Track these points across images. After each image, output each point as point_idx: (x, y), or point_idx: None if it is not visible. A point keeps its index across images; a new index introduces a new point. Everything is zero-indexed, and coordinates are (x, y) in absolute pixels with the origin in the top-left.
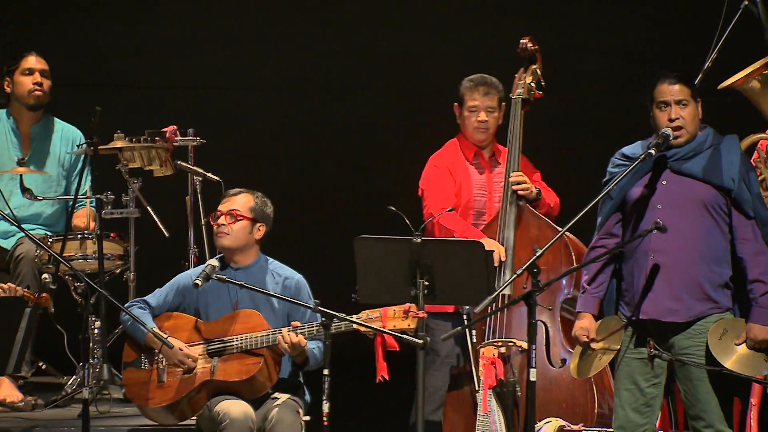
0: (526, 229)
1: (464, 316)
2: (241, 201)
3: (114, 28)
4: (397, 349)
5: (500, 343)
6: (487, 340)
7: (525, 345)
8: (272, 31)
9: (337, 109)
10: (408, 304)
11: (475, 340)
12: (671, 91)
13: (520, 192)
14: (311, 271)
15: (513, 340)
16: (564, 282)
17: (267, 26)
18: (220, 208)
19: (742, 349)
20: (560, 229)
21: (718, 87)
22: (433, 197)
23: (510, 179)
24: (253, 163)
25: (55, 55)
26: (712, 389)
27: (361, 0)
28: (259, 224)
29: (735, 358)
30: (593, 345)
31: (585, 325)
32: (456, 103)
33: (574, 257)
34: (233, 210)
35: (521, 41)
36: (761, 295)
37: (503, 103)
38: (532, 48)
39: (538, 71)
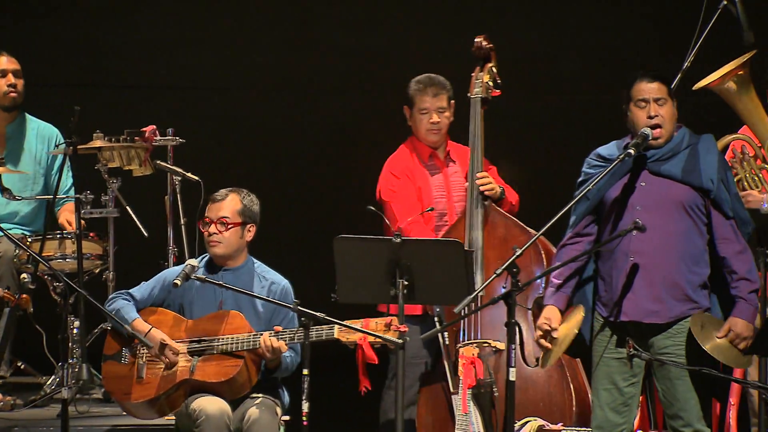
0: (493, 228)
1: (435, 319)
2: (230, 206)
3: (93, 27)
4: (377, 363)
5: (475, 344)
6: (462, 341)
7: (499, 345)
8: (251, 31)
9: (316, 110)
10: (390, 317)
11: (447, 342)
12: (649, 89)
13: (486, 192)
14: (291, 272)
15: (487, 340)
16: (538, 281)
17: (246, 27)
18: (208, 215)
19: (723, 341)
20: (527, 227)
21: (693, 87)
22: (398, 208)
23: (476, 181)
24: (233, 163)
25: (35, 55)
26: (691, 388)
27: (340, 1)
28: (249, 225)
29: (716, 345)
30: (554, 334)
31: (548, 314)
32: (405, 106)
33: (543, 256)
34: (223, 218)
35: (476, 40)
36: (749, 292)
37: (453, 101)
38: (487, 46)
39: (494, 69)
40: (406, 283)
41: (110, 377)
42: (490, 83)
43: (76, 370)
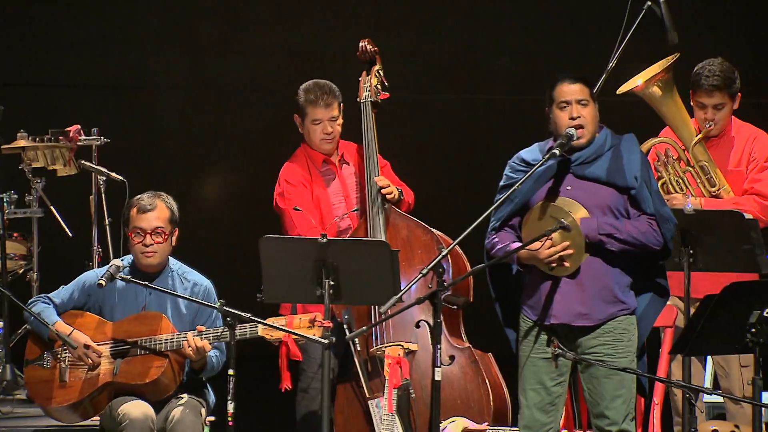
0: (395, 231)
1: (345, 326)
2: (161, 215)
3: (16, 25)
4: (301, 359)
5: (384, 347)
6: (375, 344)
7: (411, 346)
8: (176, 30)
9: (241, 109)
10: (314, 314)
11: (359, 348)
12: (572, 90)
13: (387, 197)
14: (216, 272)
15: (399, 342)
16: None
17: (170, 26)
18: (140, 225)
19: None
20: (429, 227)
21: (618, 91)
22: (300, 218)
23: (375, 185)
24: (157, 162)
25: None
26: (618, 387)
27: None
28: (175, 230)
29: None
30: (567, 251)
31: (548, 247)
32: (296, 114)
33: (448, 256)
34: (158, 228)
35: (360, 44)
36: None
37: (342, 104)
38: (372, 50)
39: (380, 72)
40: (332, 283)
41: (33, 382)
42: (378, 86)
43: (0, 370)
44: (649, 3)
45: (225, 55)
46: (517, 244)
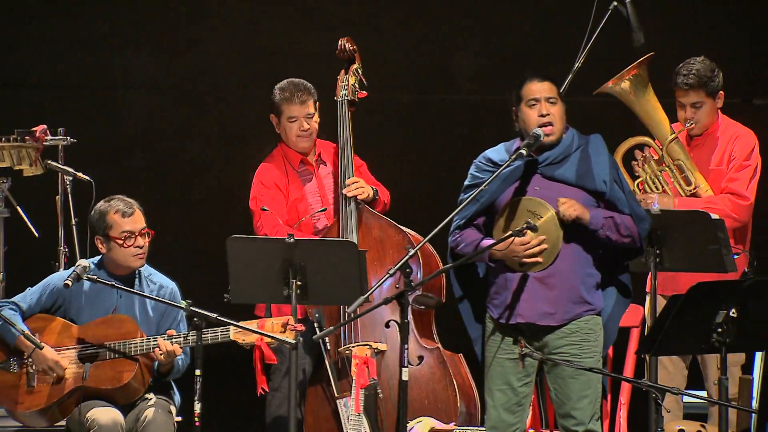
0: (368, 231)
1: (315, 324)
2: (141, 216)
3: None
4: (275, 362)
5: (354, 346)
6: (344, 344)
7: (380, 346)
8: (141, 30)
9: (207, 109)
10: (286, 317)
11: (329, 347)
12: (540, 88)
13: (359, 197)
14: (184, 273)
15: (368, 342)
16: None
17: (136, 26)
18: (130, 228)
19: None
20: (402, 227)
21: (594, 92)
22: (266, 218)
23: (346, 190)
24: (124, 162)
25: None
26: (585, 388)
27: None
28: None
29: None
30: (542, 245)
31: (524, 242)
32: (272, 114)
33: (420, 256)
34: (144, 229)
35: (339, 42)
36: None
37: (318, 103)
38: (351, 48)
39: (359, 71)
40: (299, 283)
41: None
42: (356, 85)
43: None
44: (615, 3)
45: (192, 55)
46: (489, 240)
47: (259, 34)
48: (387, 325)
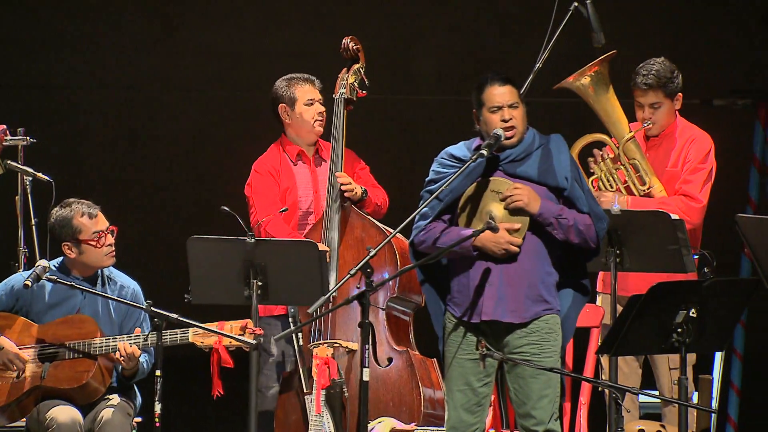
0: (350, 229)
1: (290, 319)
2: (102, 215)
3: None
4: (232, 366)
5: (327, 345)
6: (314, 341)
7: (351, 345)
8: (104, 29)
9: (171, 109)
10: (246, 320)
11: (302, 343)
12: (502, 94)
13: (346, 193)
14: (145, 272)
15: (338, 341)
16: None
17: (99, 25)
18: (100, 228)
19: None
20: (385, 228)
21: (554, 87)
22: (259, 203)
23: (336, 180)
24: (84, 163)
25: None
26: (545, 387)
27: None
28: None
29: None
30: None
31: (499, 235)
32: (282, 104)
33: (398, 255)
34: (110, 227)
35: (343, 41)
36: (569, 217)
37: None
38: (355, 47)
39: (361, 70)
40: (260, 283)
41: None
42: (356, 84)
43: None
44: (576, 4)
45: (152, 55)
46: (467, 231)
47: (223, 34)
48: (360, 325)
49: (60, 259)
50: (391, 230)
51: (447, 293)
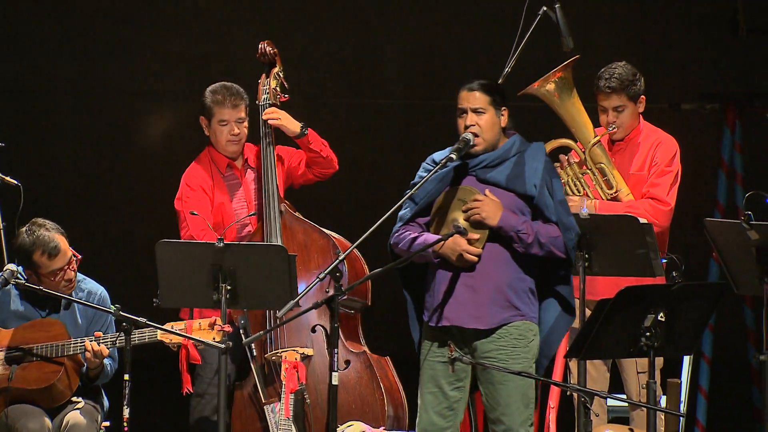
0: (292, 235)
1: (240, 330)
2: (66, 245)
3: None
4: (200, 363)
5: (281, 352)
6: (270, 349)
7: (307, 351)
8: (69, 34)
9: (135, 114)
10: (213, 317)
11: (255, 353)
12: (468, 98)
13: (271, 122)
14: (113, 276)
15: (295, 347)
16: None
17: (64, 30)
18: (56, 266)
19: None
20: (325, 230)
21: (519, 93)
22: (194, 222)
23: (271, 189)
24: (52, 167)
25: None
26: (514, 393)
27: (154, 3)
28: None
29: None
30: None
31: (458, 242)
32: (202, 116)
33: (346, 260)
34: (71, 259)
35: (260, 45)
36: (540, 230)
37: (248, 107)
38: (272, 52)
39: (280, 74)
40: (229, 287)
41: None
42: (278, 88)
43: None
44: (545, 8)
45: (119, 59)
46: (433, 237)
47: (187, 38)
48: (313, 330)
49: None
50: (334, 234)
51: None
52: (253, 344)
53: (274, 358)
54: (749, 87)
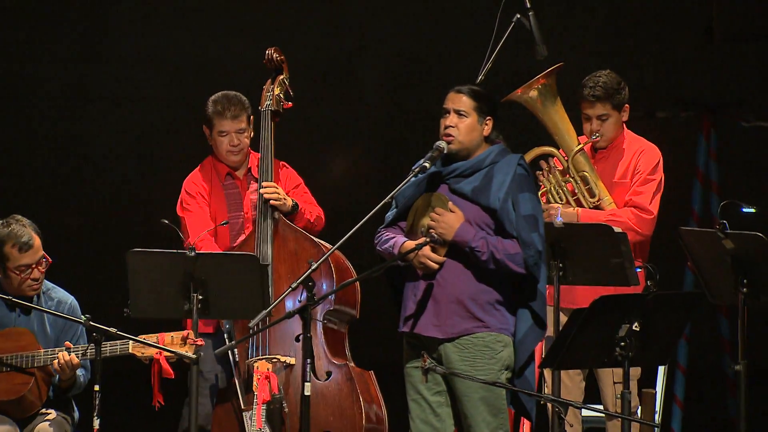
0: (283, 242)
1: (225, 335)
2: (38, 243)
3: None
4: (173, 377)
5: (265, 359)
6: (252, 356)
7: (289, 360)
8: (45, 37)
9: (113, 121)
10: (186, 331)
11: (238, 359)
12: (454, 99)
13: (272, 203)
14: (83, 286)
15: (276, 356)
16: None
17: (38, 34)
18: (27, 262)
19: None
20: (319, 241)
21: (501, 100)
22: (191, 226)
23: (261, 190)
24: (25, 173)
25: None
26: (480, 404)
27: (137, 6)
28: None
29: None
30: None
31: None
32: (204, 126)
33: (333, 269)
34: (41, 259)
35: (267, 51)
36: (497, 244)
37: (252, 117)
38: (279, 58)
39: (286, 81)
40: (200, 297)
41: None
42: (282, 95)
43: None
44: (518, 16)
45: (94, 63)
46: (402, 239)
47: (171, 40)
48: (297, 339)
49: None
50: (325, 243)
51: None
52: (236, 350)
53: (256, 364)
54: (724, 95)
